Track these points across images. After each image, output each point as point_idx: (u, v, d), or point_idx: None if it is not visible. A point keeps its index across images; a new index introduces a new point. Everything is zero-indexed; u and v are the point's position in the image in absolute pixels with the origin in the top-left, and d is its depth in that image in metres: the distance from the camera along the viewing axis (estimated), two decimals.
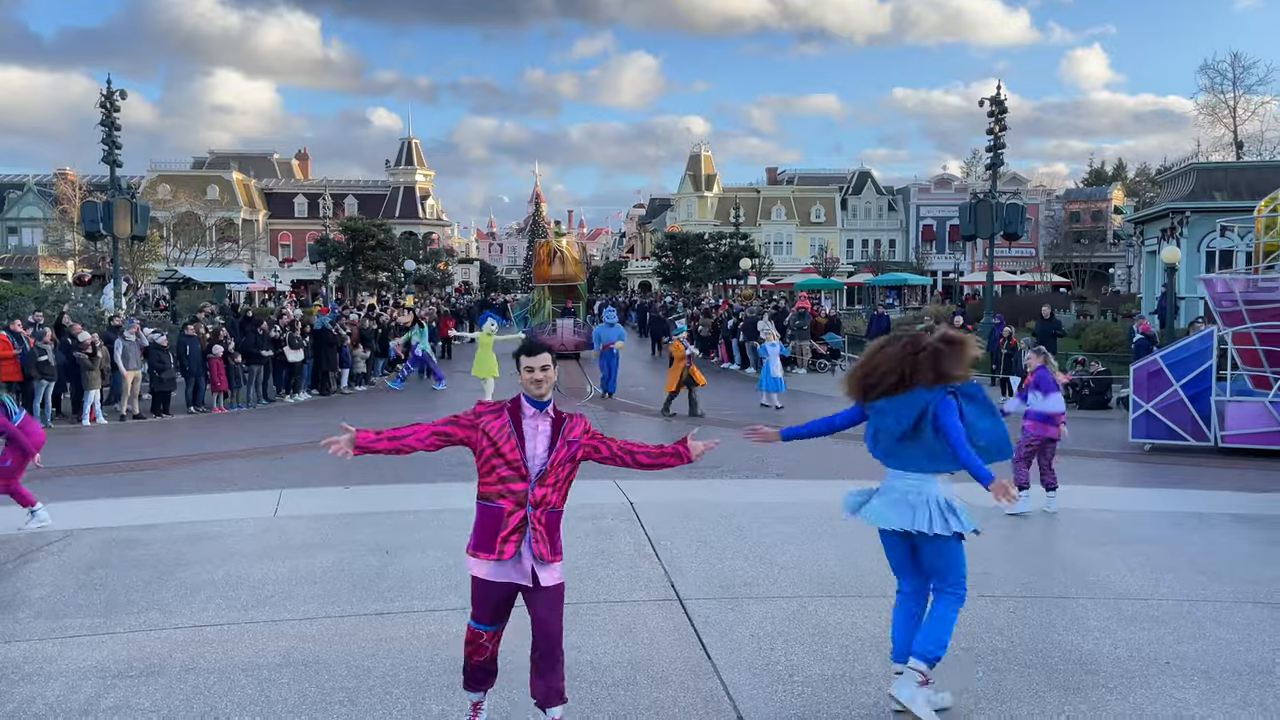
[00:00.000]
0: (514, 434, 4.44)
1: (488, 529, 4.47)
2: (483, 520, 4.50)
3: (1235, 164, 36.29)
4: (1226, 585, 7.35)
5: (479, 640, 4.60)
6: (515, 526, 4.42)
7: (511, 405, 4.50)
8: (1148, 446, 14.64)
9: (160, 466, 13.15)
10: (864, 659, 5.77)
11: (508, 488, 4.43)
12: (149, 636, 6.18)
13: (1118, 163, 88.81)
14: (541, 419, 4.48)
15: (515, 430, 4.45)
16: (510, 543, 4.42)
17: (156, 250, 45.88)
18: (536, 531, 4.43)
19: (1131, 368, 15.71)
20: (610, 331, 21.91)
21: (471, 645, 4.61)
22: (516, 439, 4.43)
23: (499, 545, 4.42)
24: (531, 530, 4.43)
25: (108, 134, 26.51)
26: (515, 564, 4.44)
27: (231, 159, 79.20)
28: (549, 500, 4.48)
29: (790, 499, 10.78)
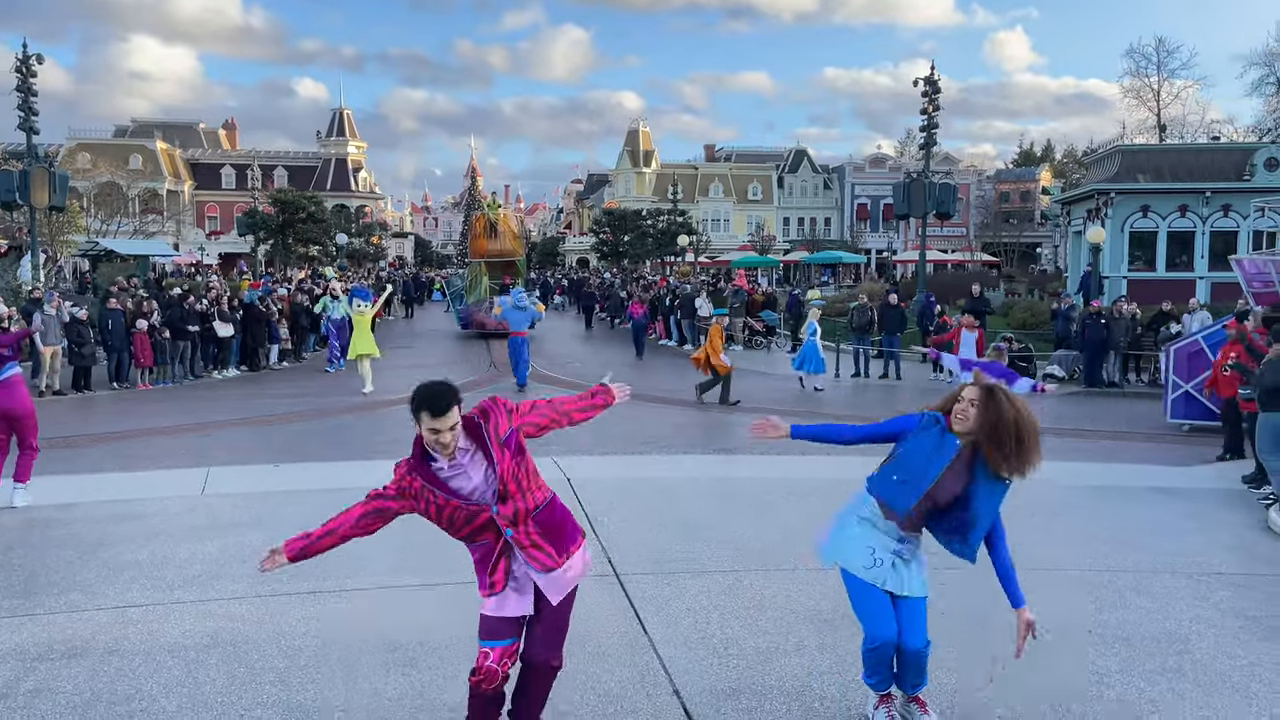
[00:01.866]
0: (435, 485, 3.89)
1: (481, 567, 4.06)
2: (475, 558, 4.10)
3: (1158, 146, 37.27)
4: (1145, 556, 7.59)
5: (487, 661, 3.97)
6: (499, 554, 3.99)
7: (414, 459, 3.94)
8: (1186, 427, 14.66)
9: (81, 444, 12.76)
10: (798, 631, 5.84)
11: (476, 526, 3.93)
12: (70, 618, 6.01)
13: (1046, 144, 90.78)
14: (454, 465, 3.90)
15: (433, 483, 3.90)
16: (499, 573, 3.99)
17: (76, 221, 44.35)
18: (527, 547, 3.97)
19: (1171, 348, 15.42)
20: (518, 315, 18.40)
21: (483, 672, 3.97)
22: (445, 491, 3.89)
23: (488, 580, 4.01)
24: (521, 550, 3.98)
25: (24, 100, 25.52)
26: (515, 589, 4.02)
27: (155, 128, 76.77)
28: (525, 507, 3.96)
29: (727, 474, 10.87)
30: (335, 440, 13.31)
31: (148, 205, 65.98)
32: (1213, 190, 29.06)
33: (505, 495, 3.91)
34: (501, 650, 3.99)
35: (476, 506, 3.90)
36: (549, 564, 4.01)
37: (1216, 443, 12.37)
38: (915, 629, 4.40)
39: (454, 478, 3.91)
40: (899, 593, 4.38)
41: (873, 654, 4.38)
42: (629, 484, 9.95)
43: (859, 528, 4.46)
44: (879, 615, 4.34)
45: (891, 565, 4.38)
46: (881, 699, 4.54)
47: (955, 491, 4.29)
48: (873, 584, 4.36)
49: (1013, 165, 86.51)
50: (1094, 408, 17.62)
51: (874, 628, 4.34)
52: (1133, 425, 15.16)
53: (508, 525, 3.93)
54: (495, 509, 3.90)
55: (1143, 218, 29.46)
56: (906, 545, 4.44)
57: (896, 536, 4.41)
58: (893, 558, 4.39)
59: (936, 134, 30.16)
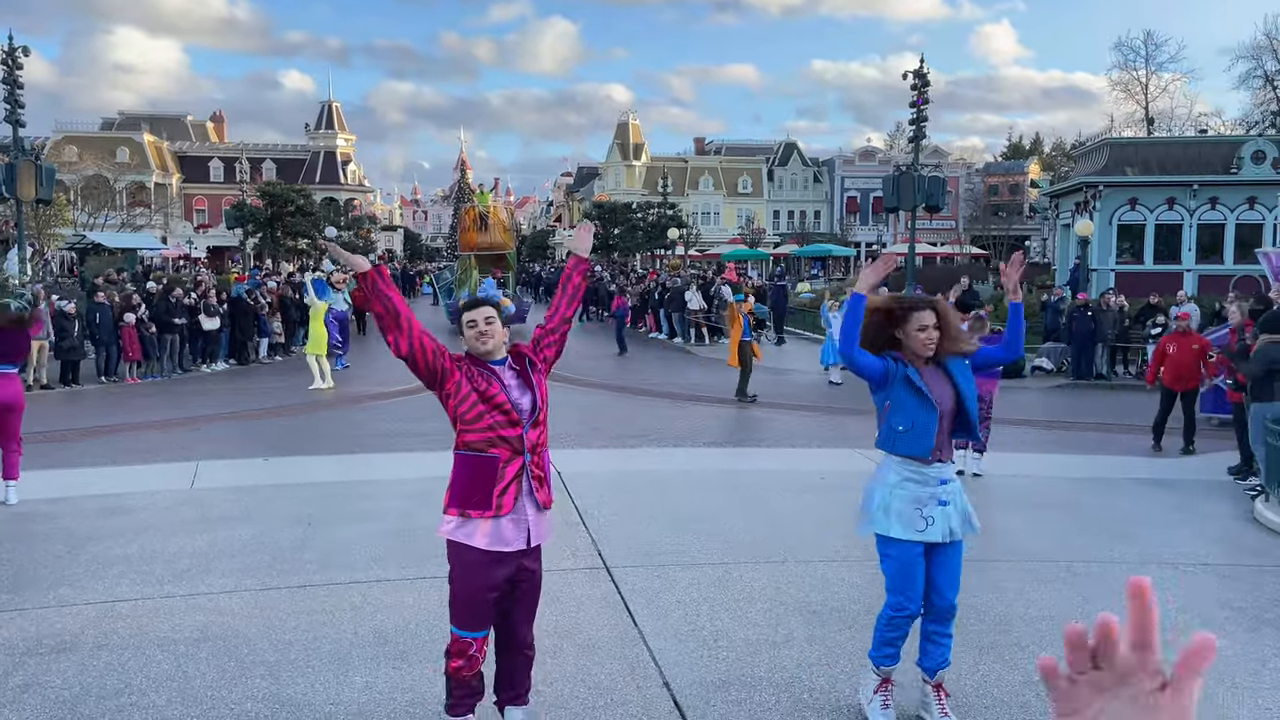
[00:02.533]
0: (496, 378, 4.03)
1: (478, 482, 3.95)
2: (469, 473, 3.98)
3: (1146, 140, 37.43)
4: (1132, 547, 7.64)
5: (468, 651, 4.00)
6: (513, 477, 3.99)
7: (465, 362, 4.09)
8: (1215, 421, 14.57)
9: (70, 438, 12.71)
10: (787, 623, 5.86)
11: (499, 435, 3.97)
12: (59, 613, 5.99)
13: (1035, 137, 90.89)
14: (506, 371, 4.09)
15: (494, 374, 4.04)
16: (509, 494, 3.97)
17: (63, 214, 44.09)
18: (536, 478, 4.06)
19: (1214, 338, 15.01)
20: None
21: (459, 658, 4.01)
22: (499, 383, 4.02)
23: (495, 499, 3.95)
24: (531, 480, 4.04)
25: (10, 92, 25.31)
26: (514, 519, 4.00)
27: (142, 120, 76.23)
28: (542, 441, 4.13)
29: (717, 467, 10.89)
30: (325, 434, 13.29)
31: (135, 198, 65.57)
32: (1200, 183, 29.16)
33: (538, 420, 4.09)
34: (480, 640, 4.05)
35: (515, 416, 4.01)
36: (547, 500, 4.13)
37: (1202, 436, 12.41)
38: (951, 581, 4.48)
39: (505, 379, 4.07)
40: (954, 538, 4.44)
41: (897, 617, 4.41)
42: (619, 477, 9.96)
43: (900, 490, 4.45)
44: (913, 585, 4.40)
45: (943, 515, 4.43)
46: (882, 683, 4.54)
47: (951, 403, 4.46)
48: (920, 544, 4.39)
49: (1001, 158, 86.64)
50: (1081, 400, 17.70)
51: (904, 596, 4.39)
52: (1120, 417, 15.23)
53: (530, 449, 4.04)
54: (527, 428, 4.03)
55: (1131, 210, 29.57)
56: (947, 484, 4.48)
57: (938, 478, 4.46)
58: (940, 508, 4.42)
59: (925, 127, 30.17)
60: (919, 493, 4.42)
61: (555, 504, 4.34)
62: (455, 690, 4.12)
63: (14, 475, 8.86)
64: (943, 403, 4.43)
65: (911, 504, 4.40)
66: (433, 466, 4.46)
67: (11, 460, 8.87)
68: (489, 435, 3.98)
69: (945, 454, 4.50)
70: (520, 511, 4.02)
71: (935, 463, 4.44)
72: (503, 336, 4.15)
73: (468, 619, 4.03)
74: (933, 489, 4.43)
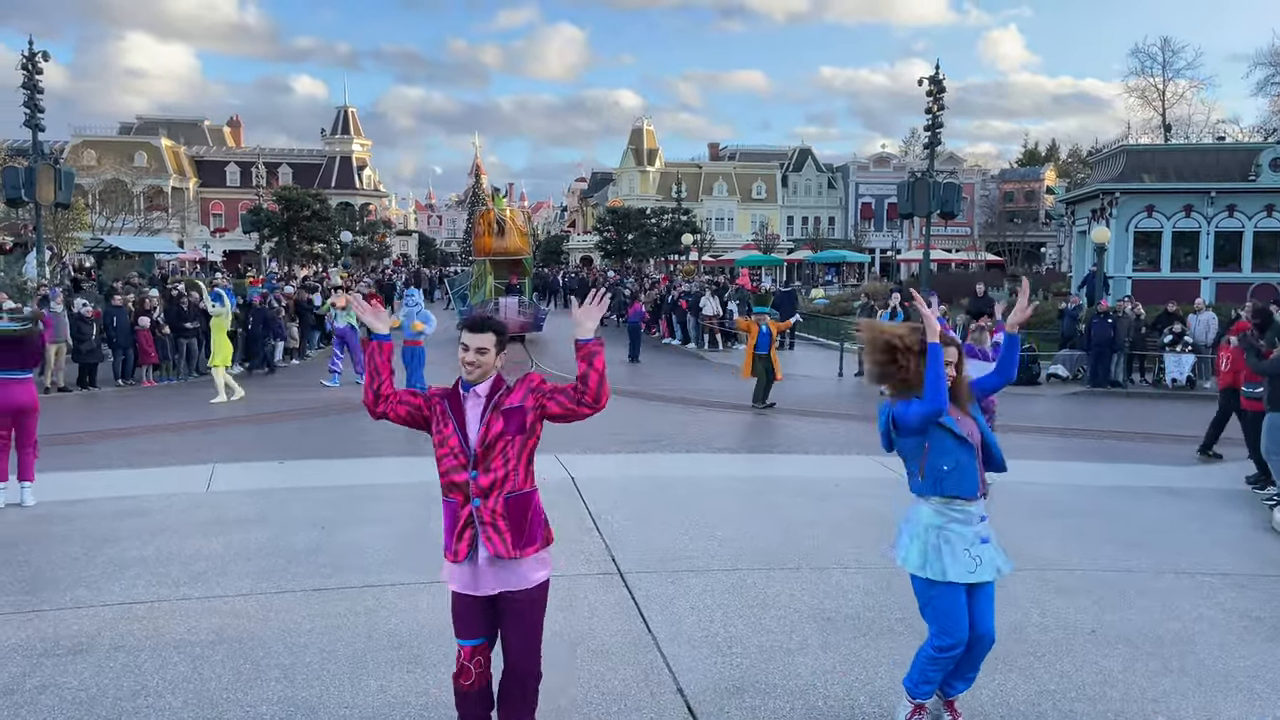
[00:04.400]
0: (451, 415, 3.95)
1: (447, 527, 4.02)
2: (444, 518, 4.05)
3: (1163, 146, 37.20)
4: (1149, 556, 7.59)
5: (459, 658, 4.03)
6: (465, 522, 3.94)
7: (454, 386, 4.06)
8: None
9: (88, 440, 12.80)
10: (801, 630, 5.85)
11: (452, 479, 3.95)
12: (77, 614, 6.03)
13: (1050, 144, 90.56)
14: (473, 395, 3.98)
15: (452, 410, 3.96)
16: (463, 541, 3.94)
17: (81, 218, 44.42)
18: (488, 526, 3.91)
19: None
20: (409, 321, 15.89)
21: (456, 665, 4.05)
22: (454, 421, 3.94)
23: (454, 544, 3.97)
24: (480, 525, 3.91)
25: (30, 97, 25.55)
26: (470, 567, 3.95)
27: (160, 125, 76.80)
28: (502, 485, 3.92)
29: (730, 473, 10.87)
30: (340, 437, 13.33)
31: (152, 202, 66.05)
32: (1218, 190, 28.97)
33: (486, 462, 3.90)
34: (472, 649, 4.01)
35: (463, 459, 3.91)
36: (501, 550, 3.91)
37: (1222, 444, 12.33)
38: (989, 617, 4.48)
39: (471, 412, 3.95)
40: (989, 578, 4.42)
41: (943, 657, 4.38)
42: (632, 482, 9.96)
43: (948, 532, 4.40)
44: (960, 620, 4.38)
45: (988, 554, 4.42)
46: (916, 709, 4.50)
47: (976, 432, 4.48)
48: (968, 584, 4.39)
49: (1017, 165, 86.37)
50: (1097, 407, 17.60)
51: (956, 631, 4.36)
52: (1136, 425, 15.15)
53: (478, 494, 3.91)
54: (473, 473, 3.90)
55: (1147, 218, 29.39)
56: (984, 521, 4.48)
57: (979, 515, 4.45)
58: (982, 547, 4.41)
59: (940, 133, 30.11)
60: (965, 533, 4.39)
61: (570, 510, 4.32)
62: (457, 703, 4.10)
63: (29, 477, 8.92)
64: (973, 437, 4.44)
65: (961, 546, 4.38)
66: None
67: (27, 462, 8.94)
68: (445, 480, 4.00)
69: (982, 490, 4.49)
70: (472, 560, 3.95)
71: (977, 499, 4.43)
72: (497, 363, 4.00)
73: (456, 627, 4.06)
74: (975, 527, 4.41)
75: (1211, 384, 19.75)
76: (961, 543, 4.38)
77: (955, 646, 4.37)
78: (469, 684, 4.02)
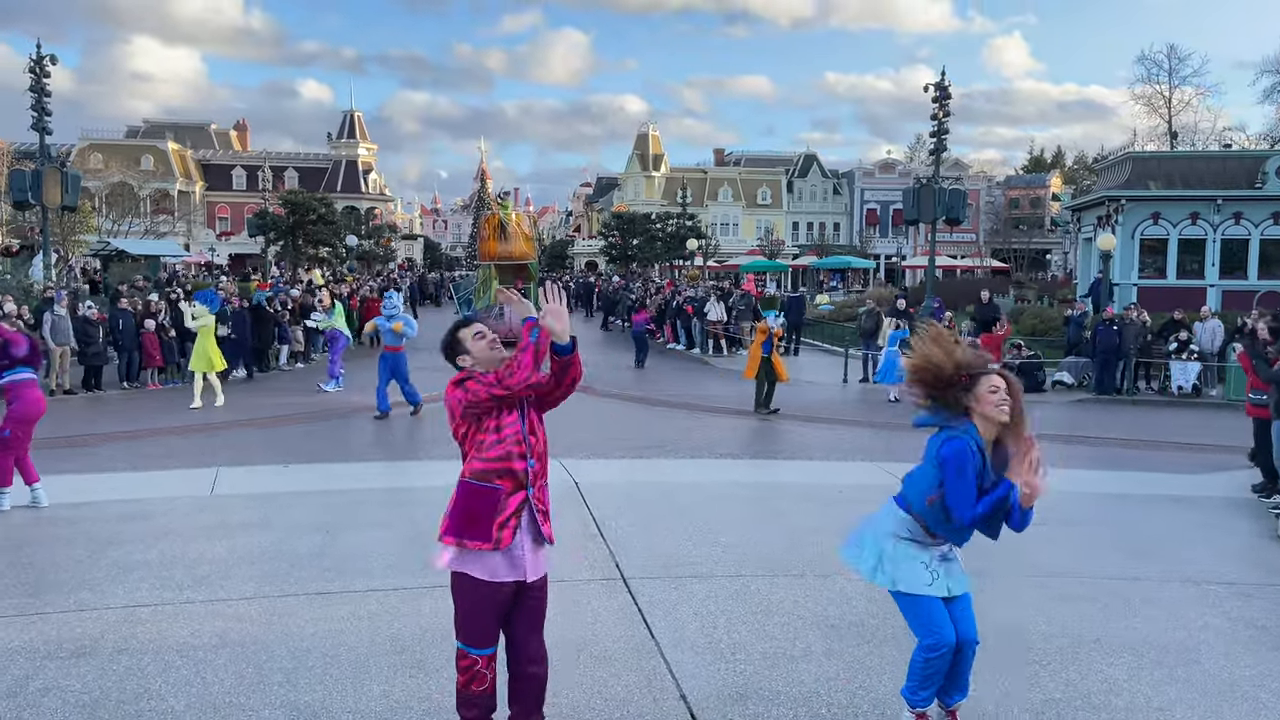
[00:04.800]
0: (509, 408, 3.95)
1: (480, 512, 3.89)
2: (470, 503, 3.91)
3: (1170, 154, 37.18)
4: (1154, 564, 7.56)
5: (475, 667, 3.96)
6: (514, 509, 3.95)
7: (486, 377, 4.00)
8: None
9: (92, 443, 12.82)
10: (805, 637, 5.83)
11: (509, 466, 3.93)
12: (80, 617, 6.03)
13: (1056, 150, 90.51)
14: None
15: (511, 403, 3.96)
16: (508, 529, 3.92)
17: (88, 221, 44.58)
18: (540, 511, 4.03)
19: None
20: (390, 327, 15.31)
21: (466, 674, 3.98)
22: (519, 409, 3.97)
23: (495, 532, 3.89)
24: (535, 514, 4.01)
25: (37, 100, 25.64)
26: (509, 554, 3.96)
27: (167, 128, 77.04)
28: (543, 471, 4.09)
29: (734, 479, 10.86)
30: (344, 441, 13.34)
31: (159, 205, 66.20)
32: (1224, 198, 28.94)
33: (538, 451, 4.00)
34: (489, 658, 4.03)
35: (523, 446, 3.95)
36: (549, 534, 4.07)
37: (1228, 452, 12.30)
38: (971, 623, 4.43)
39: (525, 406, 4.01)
40: (954, 594, 4.38)
41: (934, 662, 4.31)
42: (636, 488, 9.95)
43: (904, 548, 4.37)
44: (943, 623, 4.32)
45: (946, 572, 4.38)
46: (919, 718, 4.47)
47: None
48: (935, 596, 4.34)
49: (1022, 171, 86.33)
50: (1103, 415, 17.55)
51: (940, 635, 4.30)
52: (1142, 433, 15.10)
53: (533, 481, 3.99)
54: (531, 461, 3.98)
55: (1153, 225, 29.36)
56: (948, 544, 4.45)
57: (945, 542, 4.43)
58: (942, 564, 4.38)
59: (947, 140, 30.11)
60: (923, 552, 4.37)
61: (574, 515, 4.34)
62: (464, 706, 4.09)
63: (37, 477, 8.93)
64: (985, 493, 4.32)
65: (916, 559, 4.35)
66: (452, 474, 4.44)
67: (30, 461, 8.94)
68: (498, 466, 3.93)
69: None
70: (518, 546, 3.99)
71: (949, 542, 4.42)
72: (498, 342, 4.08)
73: (470, 634, 4.02)
74: (938, 548, 4.40)
75: (1218, 391, 19.74)
76: (919, 557, 4.35)
77: (939, 649, 4.30)
78: (482, 689, 4.02)
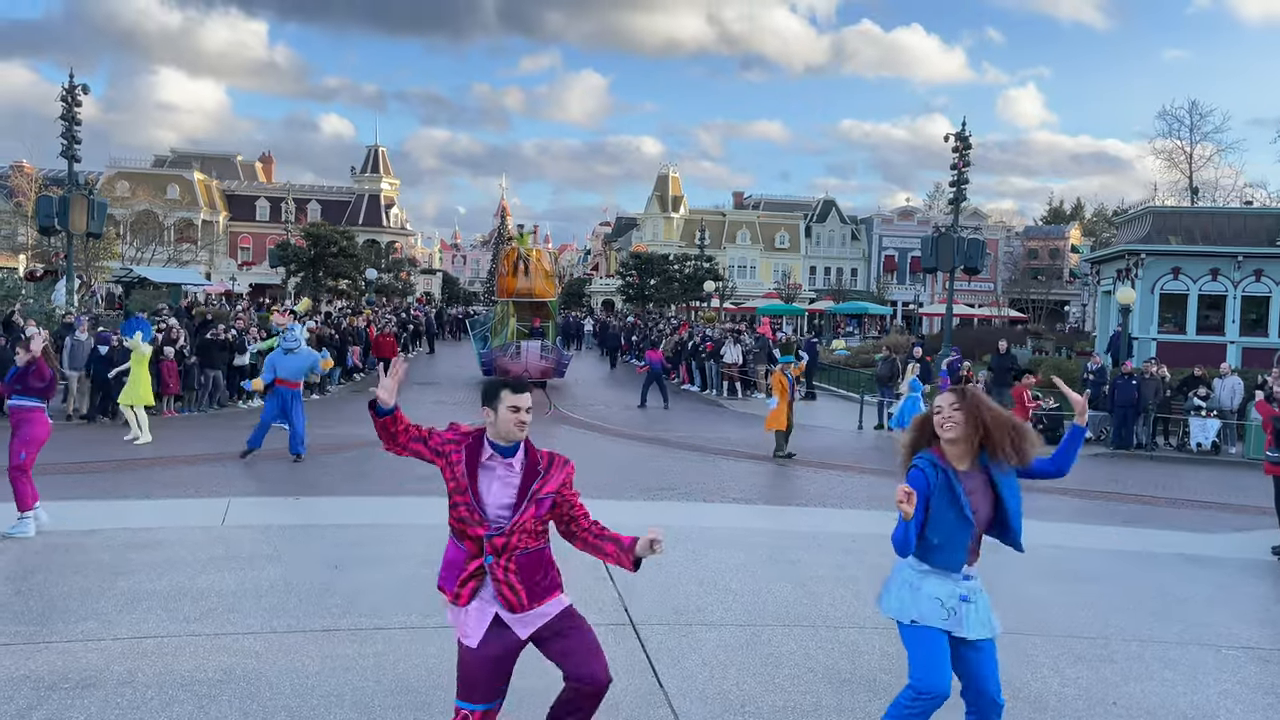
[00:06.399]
0: (467, 476, 3.96)
1: (452, 565, 4.03)
2: (449, 553, 4.05)
3: (1190, 209, 37.11)
4: (1172, 626, 7.43)
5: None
6: (472, 573, 3.96)
7: (472, 440, 4.05)
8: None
9: (105, 470, 12.85)
10: (815, 690, 5.75)
11: (467, 530, 3.97)
12: (86, 647, 6.01)
13: (1076, 202, 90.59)
14: (504, 465, 3.99)
15: (469, 473, 3.97)
16: (466, 590, 3.95)
17: (112, 248, 45.10)
18: (500, 582, 3.93)
19: None
20: (290, 361, 14.28)
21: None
22: (468, 480, 3.96)
23: (456, 588, 3.99)
24: (493, 581, 3.94)
25: (68, 128, 26.08)
26: (476, 613, 3.95)
27: (193, 159, 78.14)
28: (517, 545, 3.96)
29: (746, 525, 10.78)
30: (357, 474, 13.33)
31: (183, 234, 66.96)
32: (1245, 255, 28.85)
33: (505, 536, 3.93)
34: (482, 714, 3.96)
35: (478, 517, 3.92)
36: (514, 605, 3.94)
37: (1248, 512, 12.14)
38: (991, 679, 4.25)
39: (488, 477, 3.96)
40: (973, 636, 4.21)
41: (916, 704, 4.14)
42: (646, 531, 9.86)
43: (922, 580, 4.26)
44: (938, 665, 4.15)
45: (966, 611, 4.22)
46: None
47: (989, 512, 4.26)
48: (944, 632, 4.20)
49: (1041, 222, 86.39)
50: (1121, 470, 17.38)
51: (928, 676, 4.13)
52: (1160, 490, 14.94)
53: (491, 552, 3.93)
54: (489, 535, 3.92)
55: (1173, 280, 29.27)
56: (970, 581, 4.28)
57: (962, 575, 4.26)
58: (961, 603, 4.21)
59: (966, 189, 30.22)
60: (939, 588, 4.24)
61: (583, 558, 4.28)
62: None
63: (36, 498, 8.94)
64: (979, 513, 4.24)
65: (934, 596, 4.23)
66: None
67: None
68: (458, 526, 4.01)
69: (972, 559, 4.30)
70: (480, 614, 3.95)
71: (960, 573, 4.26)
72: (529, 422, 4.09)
73: (463, 689, 3.98)
74: (956, 586, 4.25)
75: (1238, 449, 19.54)
76: (936, 591, 4.22)
77: (928, 695, 4.12)
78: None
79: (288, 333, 14.69)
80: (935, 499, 4.20)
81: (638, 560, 4.14)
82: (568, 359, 29.60)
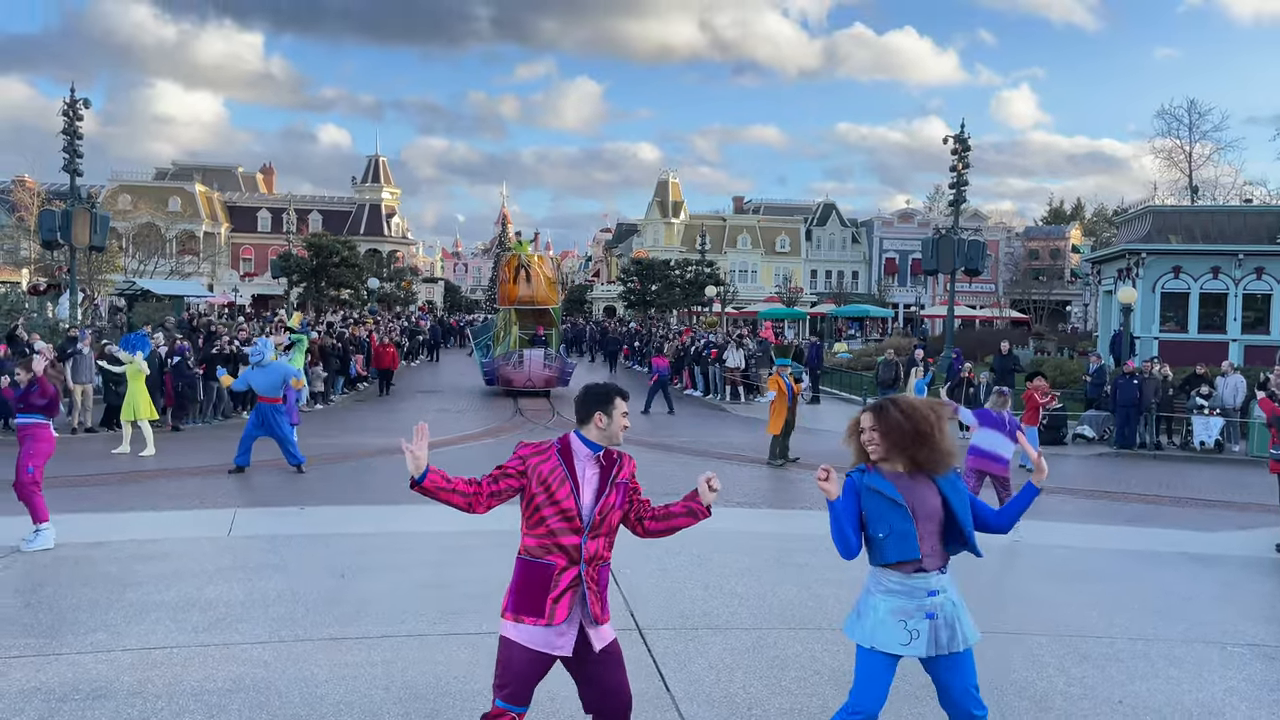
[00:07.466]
0: (568, 478, 3.99)
1: (534, 588, 3.96)
2: (526, 579, 4.00)
3: (1190, 208, 37.11)
4: (1176, 624, 7.45)
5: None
6: (568, 585, 3.97)
7: (561, 445, 4.08)
8: None
9: (111, 482, 12.89)
10: (822, 692, 5.77)
11: (557, 541, 3.97)
12: (96, 658, 6.04)
13: (1076, 202, 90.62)
14: (591, 463, 4.07)
15: (569, 474, 4.00)
16: (562, 604, 3.95)
17: (115, 261, 45.18)
18: (591, 590, 4.01)
19: None
20: (263, 376, 13.94)
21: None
22: (571, 484, 3.99)
23: (549, 607, 3.94)
24: (586, 589, 4.00)
25: (69, 143, 26.16)
26: (563, 630, 3.99)
27: (195, 171, 78.39)
28: (602, 555, 4.07)
29: (751, 528, 10.80)
30: (362, 483, 13.36)
31: (185, 246, 67.12)
32: (1245, 253, 28.86)
33: (596, 529, 4.02)
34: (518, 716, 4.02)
35: (579, 520, 3.98)
36: (599, 615, 4.04)
37: (1251, 510, 12.15)
38: (970, 692, 4.18)
39: (583, 481, 4.03)
40: (946, 651, 4.13)
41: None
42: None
43: (886, 601, 4.16)
44: (875, 690, 4.14)
45: (930, 628, 4.12)
46: None
47: (936, 502, 4.19)
48: (899, 657, 4.17)
49: (1041, 222, 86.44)
50: (1124, 469, 17.39)
51: (863, 700, 4.13)
52: (1164, 489, 14.95)
53: (586, 559, 4.00)
54: (586, 537, 3.99)
55: (1174, 279, 29.27)
56: (939, 594, 4.14)
57: (926, 589, 4.13)
58: (928, 622, 4.11)
59: (965, 191, 30.26)
60: (904, 604, 4.13)
61: None
62: None
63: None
64: (920, 508, 4.14)
65: (895, 615, 4.13)
66: (468, 520, 4.47)
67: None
68: (546, 541, 3.99)
69: (933, 563, 4.16)
70: (572, 624, 4.01)
71: (918, 573, 4.13)
72: None
73: (513, 694, 4.00)
74: (919, 601, 4.12)
75: (1241, 447, 19.55)
76: (899, 612, 4.14)
77: (860, 715, 4.13)
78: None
79: (253, 349, 14.65)
80: (866, 498, 4.21)
81: (708, 505, 4.28)
82: (572, 366, 29.27)
